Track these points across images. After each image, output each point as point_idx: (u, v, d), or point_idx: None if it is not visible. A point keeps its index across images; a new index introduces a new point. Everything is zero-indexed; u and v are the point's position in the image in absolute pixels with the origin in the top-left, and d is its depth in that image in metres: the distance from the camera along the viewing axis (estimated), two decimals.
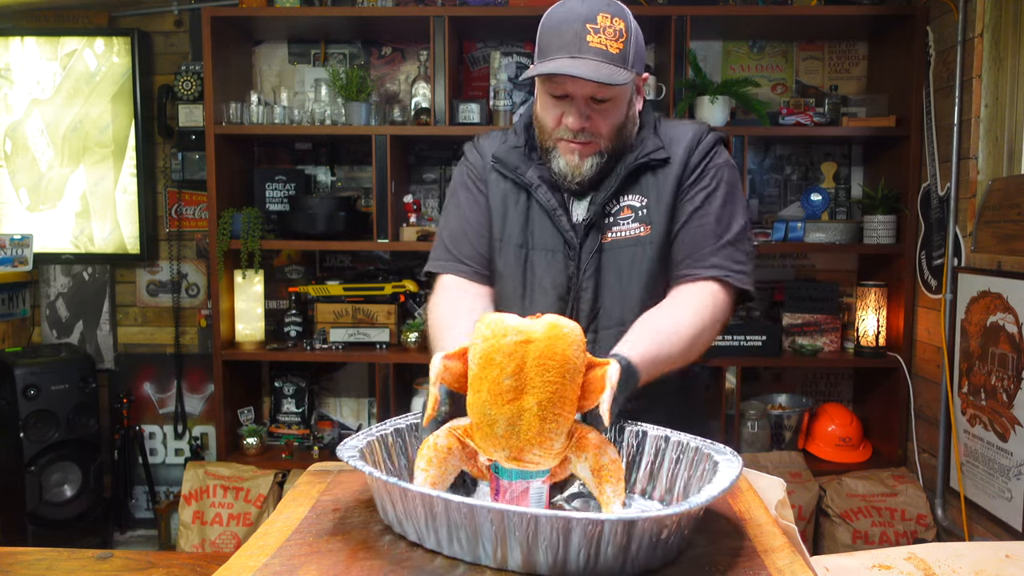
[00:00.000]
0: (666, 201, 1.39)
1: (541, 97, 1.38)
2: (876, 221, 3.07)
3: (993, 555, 1.36)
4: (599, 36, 1.28)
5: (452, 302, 1.44)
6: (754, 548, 0.97)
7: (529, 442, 0.93)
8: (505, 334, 0.94)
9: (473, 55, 3.42)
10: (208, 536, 3.04)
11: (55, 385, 3.07)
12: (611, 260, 1.40)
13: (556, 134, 1.37)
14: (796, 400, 3.33)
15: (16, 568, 1.47)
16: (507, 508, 0.85)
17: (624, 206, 1.41)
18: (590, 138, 1.35)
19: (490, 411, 0.94)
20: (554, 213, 1.41)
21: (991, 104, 2.63)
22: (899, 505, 2.88)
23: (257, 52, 3.45)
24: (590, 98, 1.32)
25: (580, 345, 0.95)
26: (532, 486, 0.98)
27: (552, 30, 1.31)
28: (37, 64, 3.39)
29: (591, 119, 1.34)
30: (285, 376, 3.36)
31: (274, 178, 3.32)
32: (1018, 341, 2.38)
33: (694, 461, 1.09)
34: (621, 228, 1.41)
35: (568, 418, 0.95)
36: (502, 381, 0.93)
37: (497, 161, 1.47)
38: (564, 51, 1.28)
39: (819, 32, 3.29)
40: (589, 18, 1.28)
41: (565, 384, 0.93)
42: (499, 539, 0.86)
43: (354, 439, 1.07)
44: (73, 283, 3.52)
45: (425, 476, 0.99)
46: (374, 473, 0.94)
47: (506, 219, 1.46)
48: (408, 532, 0.96)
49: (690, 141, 1.41)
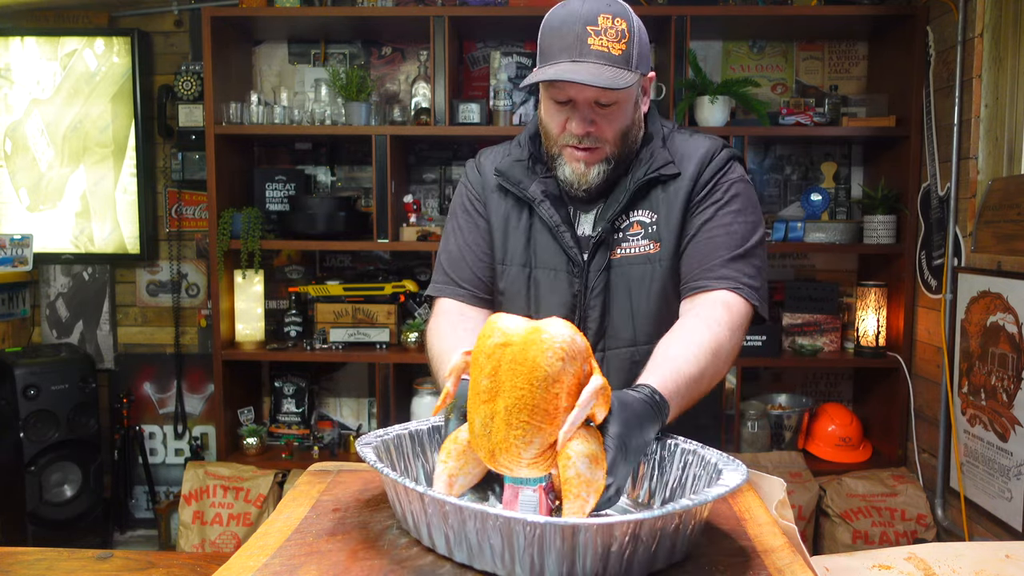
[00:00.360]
0: (676, 217, 1.36)
1: (545, 102, 1.35)
2: (876, 221, 3.07)
3: (993, 555, 1.36)
4: (600, 38, 1.25)
5: (451, 327, 1.41)
6: (754, 548, 0.97)
7: (498, 446, 0.91)
8: (491, 335, 0.94)
9: (473, 55, 3.42)
10: (208, 536, 3.04)
11: (55, 385, 3.07)
12: (620, 277, 1.37)
13: (561, 140, 1.34)
14: (796, 400, 3.33)
15: (16, 568, 1.47)
16: (491, 511, 0.85)
17: (634, 222, 1.38)
18: (595, 143, 1.32)
19: (471, 410, 0.95)
20: (557, 230, 1.38)
21: (991, 104, 2.63)
22: (899, 505, 2.88)
23: (257, 52, 3.45)
24: (594, 102, 1.29)
25: (558, 353, 0.90)
26: (522, 492, 0.96)
27: (552, 33, 1.28)
28: (37, 64, 3.39)
29: (596, 124, 1.31)
30: (285, 376, 3.36)
31: (274, 178, 3.32)
32: (1018, 341, 2.38)
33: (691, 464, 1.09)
34: (631, 244, 1.37)
35: (540, 428, 0.90)
36: (480, 381, 0.93)
37: (500, 174, 1.44)
38: (565, 55, 1.25)
39: (819, 32, 3.29)
40: (590, 20, 1.25)
41: (534, 391, 0.89)
42: (487, 542, 0.86)
43: (370, 437, 1.09)
44: (73, 283, 3.52)
45: (444, 468, 0.99)
46: (389, 473, 0.95)
47: (508, 239, 1.44)
48: (411, 529, 0.97)
49: (703, 156, 1.37)
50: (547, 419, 0.90)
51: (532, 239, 1.42)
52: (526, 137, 1.46)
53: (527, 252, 1.42)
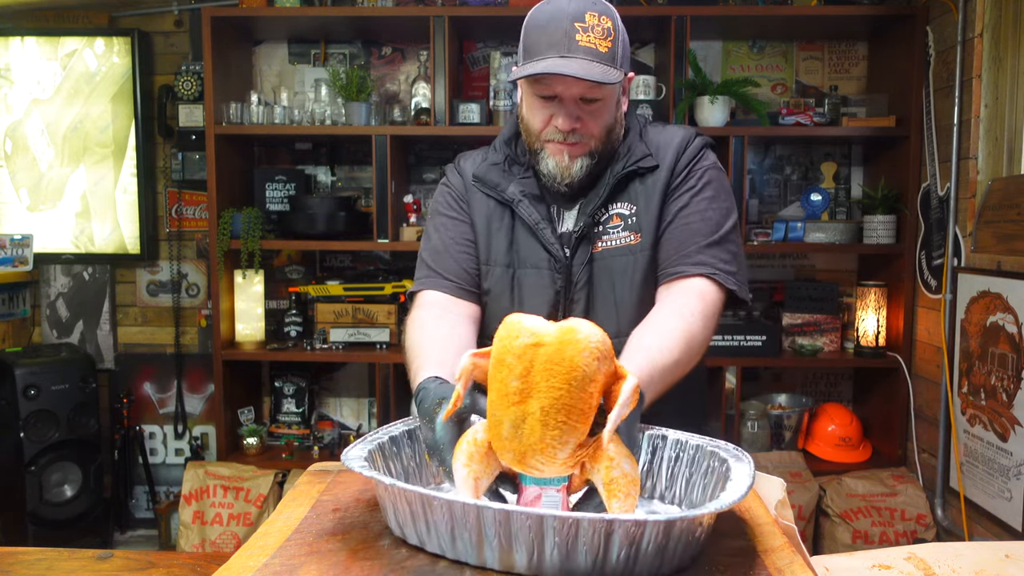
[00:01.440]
0: (654, 208, 1.37)
1: (527, 98, 1.35)
2: (876, 221, 3.07)
3: (993, 555, 1.36)
4: (588, 35, 1.25)
5: (434, 319, 1.36)
6: (754, 548, 0.97)
7: (531, 447, 0.91)
8: (518, 335, 0.92)
9: (473, 55, 3.42)
10: (208, 536, 3.04)
11: (55, 385, 3.07)
12: (602, 270, 1.38)
13: (544, 135, 1.34)
14: (796, 400, 3.33)
15: (16, 568, 1.47)
16: (515, 509, 0.84)
17: (613, 214, 1.39)
18: (580, 139, 1.33)
19: (496, 412, 0.93)
20: (537, 227, 1.39)
21: (991, 104, 2.63)
22: (899, 505, 2.88)
23: (257, 52, 3.45)
24: (579, 98, 1.30)
25: (594, 352, 0.91)
26: (545, 493, 0.96)
27: (539, 29, 1.28)
28: (37, 64, 3.39)
29: (581, 120, 1.31)
30: (285, 376, 3.36)
31: (274, 178, 3.32)
32: (1018, 341, 2.38)
33: (696, 459, 1.10)
34: (611, 237, 1.39)
35: (576, 427, 0.91)
36: (509, 383, 0.91)
37: (477, 180, 1.44)
38: (553, 50, 1.25)
39: (819, 32, 3.29)
40: (577, 16, 1.25)
41: (572, 391, 0.89)
42: (504, 541, 0.86)
43: (358, 447, 1.06)
44: (73, 283, 3.52)
45: (468, 472, 0.96)
46: (396, 482, 0.94)
47: (491, 240, 1.43)
48: (408, 535, 0.96)
49: (678, 145, 1.39)
50: (582, 419, 0.91)
51: (515, 240, 1.42)
52: (501, 141, 1.47)
53: (510, 253, 1.42)
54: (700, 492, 1.08)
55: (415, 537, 0.94)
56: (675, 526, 0.85)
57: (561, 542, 0.84)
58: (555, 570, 0.85)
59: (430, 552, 0.93)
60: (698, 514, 0.86)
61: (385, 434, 1.15)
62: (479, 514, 0.86)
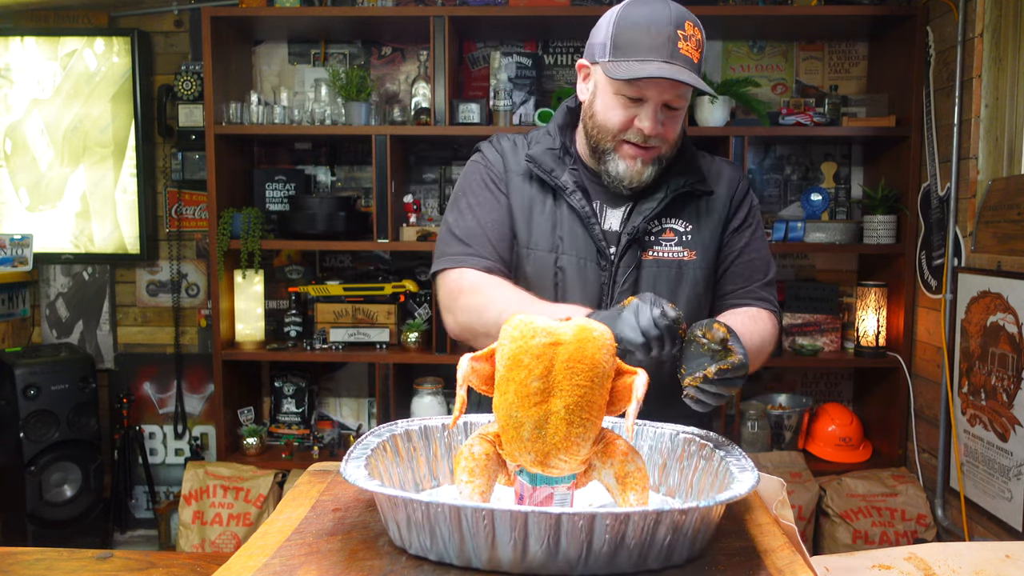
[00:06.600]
0: (710, 232, 1.44)
1: (608, 96, 1.35)
2: (876, 221, 3.07)
3: (993, 555, 1.36)
4: (687, 43, 1.28)
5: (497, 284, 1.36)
6: (754, 548, 0.97)
7: (555, 446, 0.91)
8: (534, 335, 0.92)
9: (473, 55, 3.41)
10: (208, 536, 3.04)
11: (55, 385, 3.07)
12: (650, 277, 1.41)
13: (622, 136, 1.35)
14: (796, 400, 3.33)
15: (16, 568, 1.47)
16: (533, 509, 0.83)
17: (667, 227, 1.43)
18: (659, 143, 1.35)
19: (516, 414, 0.92)
20: (588, 220, 1.40)
21: (991, 104, 2.63)
22: (899, 505, 2.88)
23: (257, 52, 3.45)
24: (664, 104, 1.32)
25: (610, 349, 0.93)
26: (556, 491, 0.96)
27: (637, 30, 1.28)
28: (37, 64, 3.39)
29: (664, 124, 1.34)
30: (285, 376, 3.36)
31: (274, 178, 3.32)
32: (1018, 341, 2.38)
33: (698, 455, 1.09)
34: (663, 249, 1.42)
35: (596, 423, 0.93)
36: (530, 383, 0.91)
37: (532, 160, 1.43)
38: (655, 54, 1.27)
39: (819, 32, 3.29)
40: (679, 24, 1.28)
41: (594, 388, 0.91)
42: (520, 541, 0.84)
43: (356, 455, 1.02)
44: (73, 283, 3.52)
45: (473, 488, 0.94)
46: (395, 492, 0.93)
47: (532, 224, 1.43)
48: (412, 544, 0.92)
49: (731, 181, 1.49)
50: (600, 415, 0.93)
51: (558, 225, 1.42)
52: (555, 127, 1.47)
53: (553, 238, 1.42)
54: (698, 486, 1.09)
55: (417, 545, 0.91)
56: (712, 511, 0.89)
57: (611, 538, 0.84)
58: (600, 565, 0.85)
59: (434, 561, 0.91)
60: (731, 497, 0.90)
61: (377, 439, 1.11)
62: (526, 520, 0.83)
